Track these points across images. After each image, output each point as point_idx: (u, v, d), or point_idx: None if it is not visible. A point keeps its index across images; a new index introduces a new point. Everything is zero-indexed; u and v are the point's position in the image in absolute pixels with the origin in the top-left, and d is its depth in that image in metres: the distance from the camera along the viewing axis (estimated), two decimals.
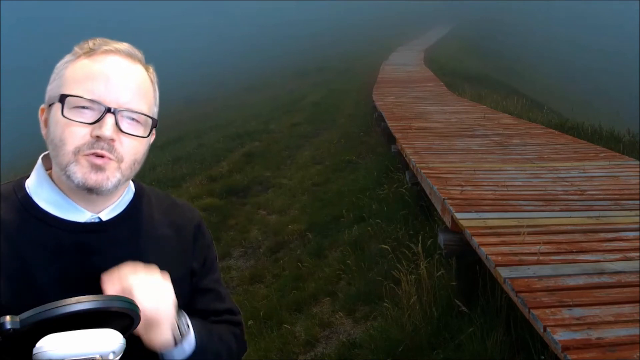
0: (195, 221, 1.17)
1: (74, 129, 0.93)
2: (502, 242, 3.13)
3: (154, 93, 1.04)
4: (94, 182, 0.94)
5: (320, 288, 5.10)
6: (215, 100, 26.14)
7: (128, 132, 0.96)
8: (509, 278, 2.64)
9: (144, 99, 0.99)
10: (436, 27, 49.28)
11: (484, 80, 21.19)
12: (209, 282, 1.18)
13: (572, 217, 3.63)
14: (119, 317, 0.85)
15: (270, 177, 9.73)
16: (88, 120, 0.93)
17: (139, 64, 1.01)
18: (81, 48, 0.98)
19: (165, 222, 1.11)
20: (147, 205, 1.10)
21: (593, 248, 3.07)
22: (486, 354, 2.97)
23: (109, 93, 0.94)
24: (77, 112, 0.94)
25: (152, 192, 1.14)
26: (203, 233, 1.18)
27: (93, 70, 0.95)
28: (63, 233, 0.97)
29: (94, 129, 0.93)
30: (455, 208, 3.72)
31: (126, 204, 1.06)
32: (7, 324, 0.77)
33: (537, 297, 2.47)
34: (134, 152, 0.98)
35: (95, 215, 1.00)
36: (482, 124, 7.95)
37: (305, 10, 66.41)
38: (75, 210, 0.99)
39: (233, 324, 1.20)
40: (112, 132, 0.93)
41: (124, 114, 0.95)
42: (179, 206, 1.17)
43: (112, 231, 1.01)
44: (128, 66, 0.98)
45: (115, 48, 0.98)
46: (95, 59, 0.96)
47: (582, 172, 4.89)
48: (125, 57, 0.99)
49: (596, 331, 2.16)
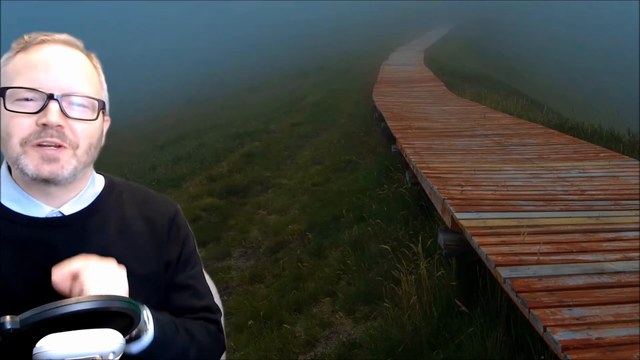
0: (170, 214, 1.14)
1: (18, 119, 0.92)
2: (502, 242, 3.12)
3: (99, 77, 1.02)
4: (48, 173, 0.93)
5: (320, 288, 5.10)
6: (215, 100, 26.16)
7: (75, 117, 0.94)
8: (509, 278, 2.64)
9: (87, 83, 0.97)
10: (436, 27, 49.28)
11: (484, 80, 21.19)
12: (185, 277, 1.14)
13: (572, 217, 3.63)
14: (119, 317, 0.85)
15: (270, 177, 9.74)
16: (32, 110, 0.92)
17: (77, 50, 0.99)
18: (18, 44, 0.97)
19: (139, 217, 1.08)
20: (118, 199, 1.07)
21: (593, 248, 3.07)
22: (486, 354, 2.97)
23: (49, 80, 0.93)
24: (20, 104, 0.92)
25: (126, 186, 1.12)
26: (178, 226, 1.14)
27: (31, 61, 0.94)
28: (24, 229, 0.96)
29: (39, 117, 0.92)
30: (455, 208, 3.72)
31: (92, 198, 1.04)
32: (7, 324, 0.77)
33: (537, 297, 2.46)
34: (87, 135, 0.96)
35: (56, 209, 0.99)
36: (482, 124, 7.95)
37: (305, 10, 66.40)
38: (35, 206, 0.97)
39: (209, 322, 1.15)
40: (57, 118, 0.92)
41: (69, 99, 0.94)
42: (153, 199, 1.14)
43: (76, 226, 0.99)
44: (66, 52, 0.97)
45: (51, 38, 0.97)
46: (32, 50, 0.95)
47: (582, 172, 4.89)
48: (62, 45, 0.97)
49: (596, 331, 2.16)
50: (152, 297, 1.06)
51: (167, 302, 1.11)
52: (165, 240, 1.11)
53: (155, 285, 1.08)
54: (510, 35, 49.52)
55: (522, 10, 59.72)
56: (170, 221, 1.13)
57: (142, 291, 1.03)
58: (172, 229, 1.13)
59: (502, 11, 59.50)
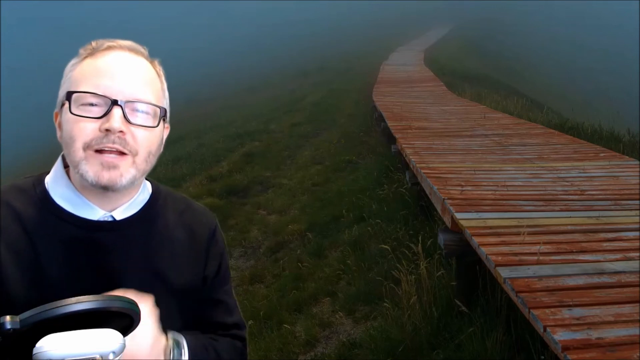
0: (211, 227, 1.15)
1: (82, 124, 0.94)
2: (502, 242, 3.13)
3: (162, 85, 1.04)
4: (107, 180, 0.94)
5: (320, 288, 5.10)
6: (215, 100, 26.17)
7: (137, 124, 0.96)
8: (509, 278, 2.64)
9: (150, 90, 0.99)
10: (436, 27, 49.30)
11: (484, 80, 21.19)
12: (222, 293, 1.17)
13: (572, 217, 3.63)
14: (119, 317, 0.85)
15: (270, 177, 9.73)
16: (96, 115, 0.94)
17: (142, 57, 1.01)
18: (85, 50, 0.99)
19: (180, 226, 1.09)
20: (163, 207, 1.09)
21: (593, 248, 3.07)
22: (486, 354, 2.97)
23: (114, 86, 0.94)
24: (85, 109, 0.94)
25: (169, 194, 1.13)
26: (217, 240, 1.15)
27: (97, 67, 0.96)
28: (76, 230, 0.97)
29: (102, 123, 0.93)
30: (455, 208, 3.72)
31: (141, 204, 1.05)
32: (7, 324, 0.77)
33: (537, 297, 2.47)
34: (147, 143, 0.98)
35: (109, 213, 1.00)
36: (482, 124, 7.95)
37: (305, 10, 66.41)
38: (88, 208, 0.99)
39: (238, 339, 1.19)
40: (120, 123, 0.93)
41: (132, 105, 0.95)
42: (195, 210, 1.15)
43: (125, 230, 1.01)
44: (131, 59, 0.99)
45: (117, 44, 0.99)
46: (99, 56, 0.97)
47: (582, 172, 4.89)
48: (128, 51, 0.99)
49: (596, 331, 2.16)
50: (186, 308, 1.08)
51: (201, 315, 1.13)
52: (205, 254, 1.12)
53: (191, 296, 1.09)
54: (510, 35, 49.53)
55: (522, 10, 59.72)
56: (211, 234, 1.14)
57: (178, 301, 1.06)
58: (212, 242, 1.14)
59: (502, 11, 59.50)
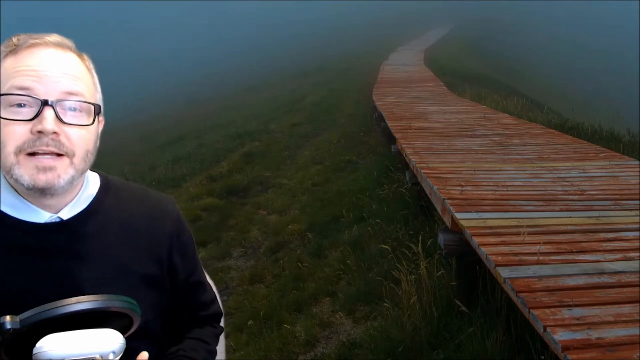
0: (173, 214, 1.12)
1: (12, 127, 0.88)
2: (502, 242, 3.12)
3: (93, 79, 0.99)
4: (45, 183, 0.90)
5: (320, 288, 5.10)
6: (215, 100, 26.16)
7: (71, 123, 0.91)
8: (509, 278, 2.64)
9: (82, 86, 0.94)
10: (436, 27, 49.28)
11: (484, 80, 21.19)
12: (198, 275, 1.17)
13: (572, 217, 3.63)
14: (118, 317, 0.85)
15: (270, 177, 9.73)
16: (26, 117, 0.89)
17: (70, 52, 0.96)
18: (7, 46, 0.94)
19: (139, 215, 1.06)
20: (115, 198, 1.05)
21: (593, 248, 3.07)
22: (486, 354, 2.97)
23: (43, 85, 0.90)
24: (14, 111, 0.89)
25: (122, 184, 1.10)
26: (182, 227, 1.14)
27: (22, 65, 0.91)
28: (24, 235, 0.94)
29: (34, 125, 0.88)
30: (455, 208, 3.71)
31: (89, 200, 1.01)
32: (7, 324, 0.77)
33: (537, 297, 2.46)
34: (83, 142, 0.93)
35: (55, 215, 0.96)
36: (482, 124, 7.95)
37: (305, 10, 66.41)
38: (33, 212, 0.95)
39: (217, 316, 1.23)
40: (53, 125, 0.88)
41: (63, 104, 0.91)
42: (153, 198, 1.13)
43: (75, 229, 0.97)
44: (59, 55, 0.93)
45: (43, 40, 0.94)
46: (23, 54, 0.92)
47: (582, 172, 4.88)
48: (54, 47, 0.94)
49: (596, 331, 2.16)
50: (152, 296, 1.06)
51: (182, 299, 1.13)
52: (169, 242, 1.10)
53: (157, 285, 1.07)
54: (510, 35, 49.52)
55: (522, 10, 59.71)
56: (175, 222, 1.12)
57: (143, 290, 1.04)
58: (177, 230, 1.12)
59: (502, 11, 59.51)
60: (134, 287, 1.02)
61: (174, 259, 1.10)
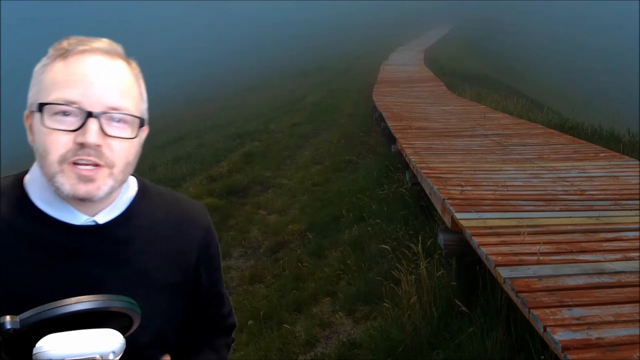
0: (204, 225, 1.11)
1: (56, 137, 0.88)
2: (502, 242, 3.12)
3: (139, 89, 0.98)
4: (84, 193, 0.90)
5: (320, 288, 5.10)
6: (215, 100, 26.17)
7: (115, 135, 0.91)
8: (509, 278, 2.64)
9: (128, 98, 0.93)
10: (436, 27, 49.29)
11: (484, 80, 21.19)
12: (220, 286, 1.18)
13: (572, 217, 3.63)
14: (119, 317, 0.85)
15: (270, 177, 9.74)
16: (70, 127, 0.88)
17: (119, 59, 0.94)
18: (56, 50, 0.92)
19: (167, 223, 1.05)
20: (149, 204, 1.05)
21: (593, 248, 3.07)
22: (486, 354, 2.97)
23: (90, 96, 0.89)
24: (59, 120, 0.88)
25: (156, 190, 1.09)
26: (213, 237, 1.13)
27: (71, 73, 0.89)
28: (59, 235, 0.94)
29: (77, 135, 0.88)
30: (455, 208, 3.72)
31: (126, 204, 1.01)
32: (7, 324, 0.77)
33: (537, 297, 2.46)
34: (125, 154, 0.93)
35: (91, 218, 0.96)
36: (482, 124, 7.95)
37: (305, 10, 66.43)
38: (70, 213, 0.95)
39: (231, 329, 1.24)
40: (96, 138, 0.88)
41: (108, 116, 0.90)
42: (184, 207, 1.11)
43: (109, 234, 0.97)
44: (108, 64, 0.92)
45: (92, 47, 0.92)
46: (72, 60, 0.90)
47: (582, 172, 4.89)
48: (104, 55, 0.92)
49: (596, 331, 2.16)
50: (175, 305, 1.06)
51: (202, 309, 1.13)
52: (197, 253, 1.09)
53: (181, 294, 1.07)
54: (510, 35, 49.53)
55: (522, 10, 59.72)
56: (205, 234, 1.11)
57: (167, 299, 1.04)
58: (208, 238, 1.11)
59: (502, 11, 59.51)
60: (159, 295, 1.02)
61: (200, 270, 1.09)
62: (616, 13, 54.55)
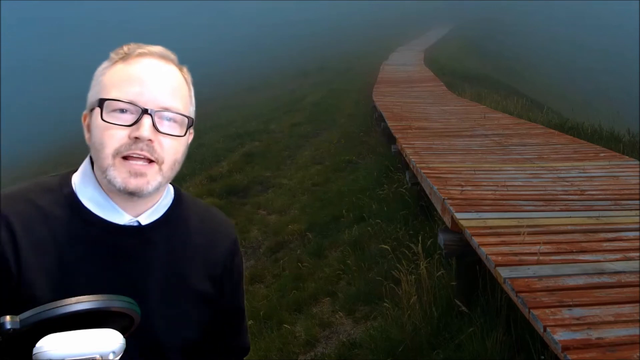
0: (231, 237, 1.16)
1: (112, 132, 0.95)
2: (502, 242, 3.13)
3: (189, 92, 1.07)
4: (134, 187, 0.96)
5: (320, 288, 5.10)
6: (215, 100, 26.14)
7: (166, 132, 0.98)
8: (509, 278, 2.64)
9: (179, 99, 1.01)
10: (436, 27, 49.26)
11: (484, 80, 21.18)
12: (241, 300, 1.21)
13: (572, 217, 3.63)
14: (119, 317, 0.85)
15: (270, 177, 9.74)
16: (126, 122, 0.95)
17: (172, 64, 1.03)
18: (117, 54, 1.01)
19: (200, 232, 1.10)
20: (185, 211, 1.10)
21: (593, 248, 3.07)
22: (486, 354, 2.97)
23: (145, 95, 0.96)
24: (116, 116, 0.96)
25: (190, 199, 1.15)
26: (237, 249, 1.17)
27: (129, 74, 0.98)
28: (103, 233, 0.99)
29: (132, 130, 0.95)
30: (455, 208, 3.72)
31: (165, 208, 1.06)
32: (7, 324, 0.77)
33: (537, 297, 2.47)
34: (173, 152, 1.00)
35: (134, 218, 1.01)
36: (482, 124, 7.95)
37: (305, 10, 66.41)
38: (116, 212, 1.00)
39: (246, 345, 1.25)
40: (149, 132, 0.95)
41: (161, 114, 0.97)
42: (215, 217, 1.17)
43: (149, 235, 1.02)
44: (162, 67, 1.00)
45: (148, 51, 1.01)
46: (130, 62, 0.99)
47: (582, 172, 4.89)
48: (158, 59, 1.01)
49: (596, 331, 2.16)
50: (202, 313, 1.09)
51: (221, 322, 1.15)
52: (223, 264, 1.12)
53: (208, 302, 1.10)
54: (510, 35, 49.50)
55: (522, 10, 59.69)
56: (232, 246, 1.15)
57: (196, 306, 1.07)
58: (234, 251, 1.15)
59: (502, 11, 59.49)
60: (192, 301, 1.06)
61: (224, 281, 1.13)
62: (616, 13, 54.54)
